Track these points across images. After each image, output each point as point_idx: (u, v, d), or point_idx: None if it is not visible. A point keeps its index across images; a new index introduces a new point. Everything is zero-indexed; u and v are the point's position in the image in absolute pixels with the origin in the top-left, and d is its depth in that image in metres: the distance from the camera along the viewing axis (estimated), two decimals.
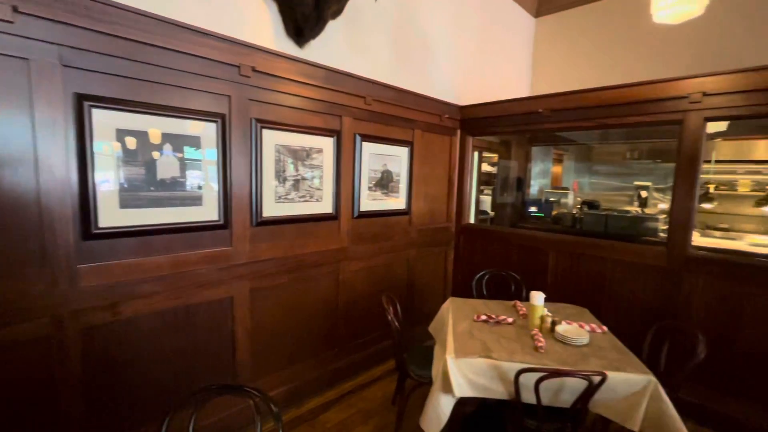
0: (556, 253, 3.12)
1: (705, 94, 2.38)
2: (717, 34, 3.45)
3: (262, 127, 2.21)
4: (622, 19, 3.94)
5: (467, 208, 3.72)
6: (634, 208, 5.07)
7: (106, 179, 1.71)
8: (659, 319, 2.37)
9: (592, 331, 2.06)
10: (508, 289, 2.88)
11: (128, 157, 1.75)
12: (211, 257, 2.08)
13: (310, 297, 2.62)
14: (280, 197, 2.37)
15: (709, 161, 4.50)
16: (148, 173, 1.82)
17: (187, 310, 2.02)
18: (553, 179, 6.20)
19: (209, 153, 2.02)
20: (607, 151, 6.06)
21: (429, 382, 2.01)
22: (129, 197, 1.78)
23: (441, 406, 1.76)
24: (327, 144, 2.58)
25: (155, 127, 1.82)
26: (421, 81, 3.27)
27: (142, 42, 1.73)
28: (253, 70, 2.11)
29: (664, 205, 4.92)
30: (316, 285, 2.64)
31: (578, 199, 5.58)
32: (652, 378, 1.61)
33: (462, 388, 1.74)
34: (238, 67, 2.05)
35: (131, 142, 1.76)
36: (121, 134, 1.72)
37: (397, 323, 2.22)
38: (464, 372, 1.75)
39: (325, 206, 2.64)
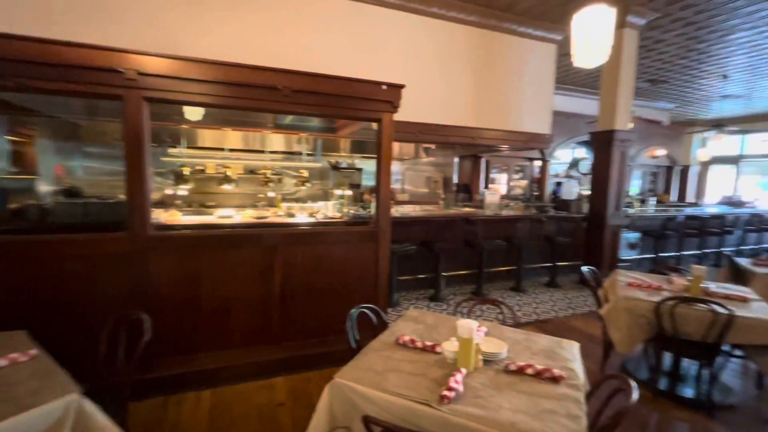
0: None
1: (140, 74, 2.35)
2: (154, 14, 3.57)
3: None
4: None
5: None
6: None
7: None
8: (130, 306, 2.20)
9: (13, 362, 1.51)
10: None
11: None
12: None
13: None
14: None
15: (179, 146, 4.93)
16: None
17: None
18: (23, 163, 4.71)
19: None
20: (99, 129, 5.35)
21: None
22: None
23: None
24: None
25: None
26: None
27: None
28: None
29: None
30: None
31: (61, 187, 4.58)
32: (74, 396, 1.33)
33: None
34: None
35: None
36: None
37: None
38: None
39: None
